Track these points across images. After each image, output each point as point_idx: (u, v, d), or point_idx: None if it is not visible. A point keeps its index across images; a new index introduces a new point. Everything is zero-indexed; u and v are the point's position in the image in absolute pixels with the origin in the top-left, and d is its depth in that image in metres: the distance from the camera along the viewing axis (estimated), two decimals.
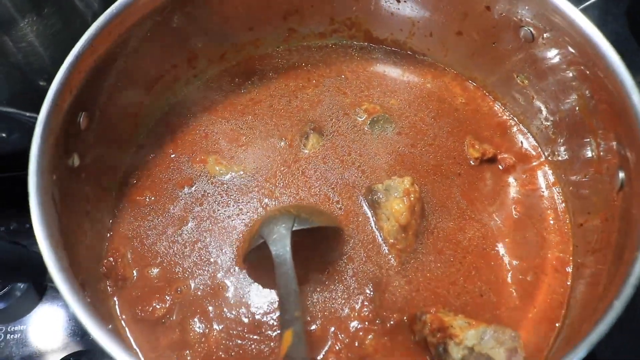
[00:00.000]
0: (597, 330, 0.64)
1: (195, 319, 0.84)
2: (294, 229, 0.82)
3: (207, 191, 0.96)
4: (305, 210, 0.90)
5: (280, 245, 0.81)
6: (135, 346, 0.83)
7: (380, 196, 0.90)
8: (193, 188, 0.96)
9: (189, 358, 0.82)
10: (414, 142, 1.01)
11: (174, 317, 0.85)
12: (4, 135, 1.06)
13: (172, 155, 1.00)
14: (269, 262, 0.81)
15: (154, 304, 0.85)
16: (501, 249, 0.91)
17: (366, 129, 1.02)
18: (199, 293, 0.87)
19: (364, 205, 0.93)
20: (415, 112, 1.05)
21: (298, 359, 0.72)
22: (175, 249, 0.91)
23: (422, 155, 0.99)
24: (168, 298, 0.86)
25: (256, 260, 0.86)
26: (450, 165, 0.99)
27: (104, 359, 0.65)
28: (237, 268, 0.89)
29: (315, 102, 1.06)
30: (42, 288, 1.06)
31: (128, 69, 0.92)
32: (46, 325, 1.03)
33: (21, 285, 1.05)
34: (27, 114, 0.91)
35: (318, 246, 0.89)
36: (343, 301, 0.85)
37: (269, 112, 1.04)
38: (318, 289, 0.86)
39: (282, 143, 1.00)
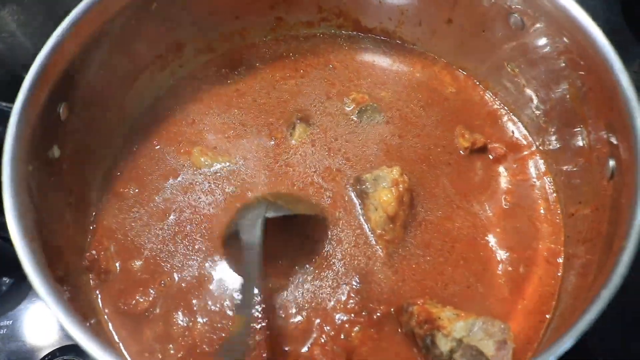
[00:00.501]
0: (584, 319, 0.63)
1: (179, 312, 0.83)
2: (267, 216, 0.81)
3: (192, 182, 0.94)
4: (283, 198, 0.88)
5: (250, 232, 0.80)
6: (118, 340, 0.82)
7: (369, 186, 0.88)
8: (178, 179, 0.95)
9: (172, 351, 0.80)
10: (403, 131, 0.99)
11: (158, 310, 0.84)
12: None
13: (157, 147, 0.98)
14: None
15: (138, 297, 0.84)
16: (491, 239, 0.90)
17: (354, 118, 1.01)
18: (183, 285, 0.85)
19: (352, 195, 0.92)
20: (404, 101, 1.03)
21: (237, 346, 0.73)
22: (160, 241, 0.89)
23: (411, 145, 0.98)
24: (152, 291, 0.85)
25: (237, 251, 0.85)
26: (440, 155, 0.97)
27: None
28: (222, 261, 0.87)
29: (302, 92, 1.04)
30: (28, 282, 1.05)
31: (111, 59, 0.90)
32: (33, 320, 1.02)
33: (7, 280, 1.04)
34: (4, 103, 0.89)
35: (304, 237, 0.88)
36: (329, 292, 0.84)
37: (255, 103, 1.03)
38: (303, 280, 0.85)
39: (269, 133, 0.99)
